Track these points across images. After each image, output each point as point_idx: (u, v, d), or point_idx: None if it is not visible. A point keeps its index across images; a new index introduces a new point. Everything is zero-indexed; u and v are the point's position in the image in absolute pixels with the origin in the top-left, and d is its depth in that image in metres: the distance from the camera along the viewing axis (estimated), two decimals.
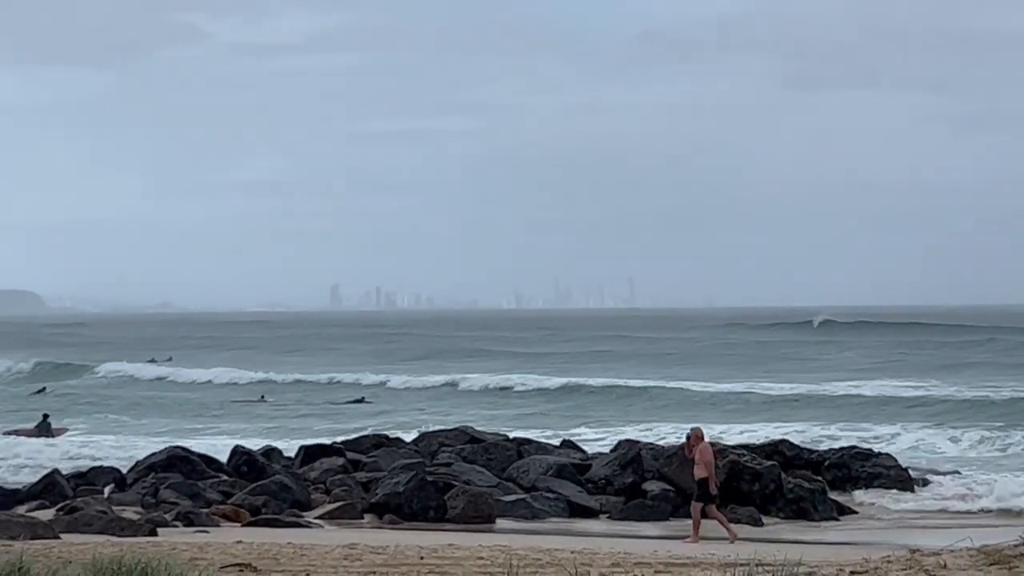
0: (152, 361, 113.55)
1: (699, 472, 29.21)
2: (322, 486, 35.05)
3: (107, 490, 35.05)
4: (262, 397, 73.80)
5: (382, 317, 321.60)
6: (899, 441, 47.05)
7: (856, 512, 34.01)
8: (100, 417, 62.93)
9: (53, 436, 52.19)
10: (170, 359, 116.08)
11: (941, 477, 37.56)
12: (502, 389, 74.92)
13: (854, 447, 39.16)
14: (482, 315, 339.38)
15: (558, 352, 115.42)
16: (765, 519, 32.61)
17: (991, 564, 10.56)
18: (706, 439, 30.19)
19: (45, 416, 54.45)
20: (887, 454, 38.50)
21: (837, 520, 33.15)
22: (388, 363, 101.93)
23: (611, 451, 38.31)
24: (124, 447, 49.31)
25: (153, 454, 38.40)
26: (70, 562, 13.80)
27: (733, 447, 36.76)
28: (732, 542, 27.79)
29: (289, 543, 24.24)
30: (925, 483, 36.58)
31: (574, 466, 36.17)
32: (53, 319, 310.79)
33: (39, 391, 76.00)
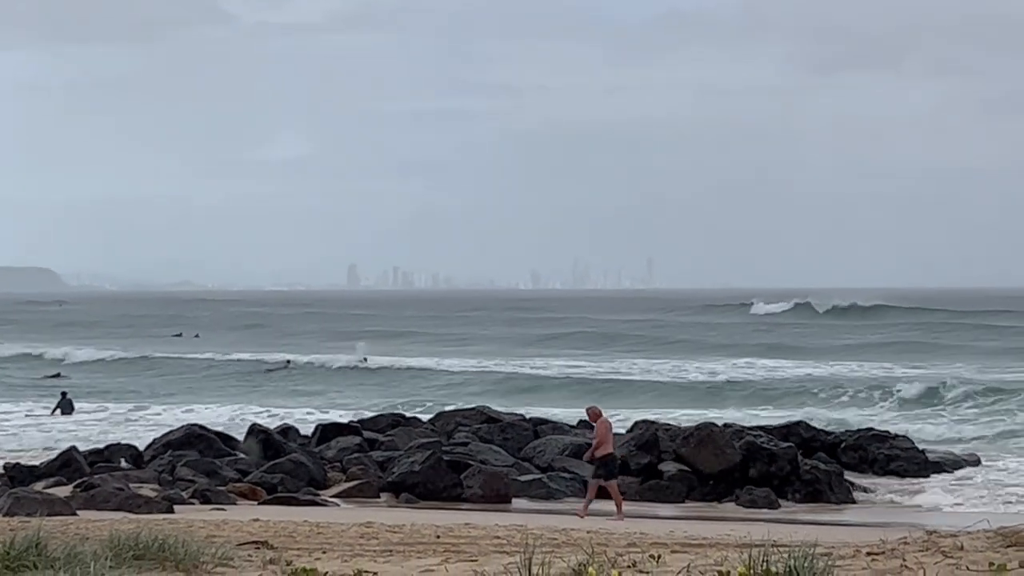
0: (178, 335, 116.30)
1: (601, 449, 29.27)
2: (338, 465, 35.10)
3: (124, 467, 35.14)
4: (287, 363, 75.70)
5: (393, 297, 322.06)
6: (907, 425, 46.91)
7: (872, 494, 33.97)
8: (116, 396, 63.09)
9: (72, 413, 52.50)
10: (197, 336, 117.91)
11: (958, 459, 37.50)
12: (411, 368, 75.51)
13: (871, 429, 39.09)
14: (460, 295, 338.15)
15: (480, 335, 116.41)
16: (781, 501, 32.59)
17: (1008, 546, 10.51)
18: (604, 416, 30.37)
19: (64, 394, 54.69)
20: (904, 436, 38.47)
21: (853, 502, 33.13)
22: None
23: (627, 432, 38.30)
24: (141, 424, 49.52)
25: (170, 431, 38.49)
26: (87, 539, 13.81)
27: (750, 428, 36.75)
28: (620, 519, 27.86)
29: (305, 521, 24.28)
30: (941, 465, 36.50)
31: (590, 446, 36.12)
32: (40, 296, 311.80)
33: (54, 375, 76.33)
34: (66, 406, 53.01)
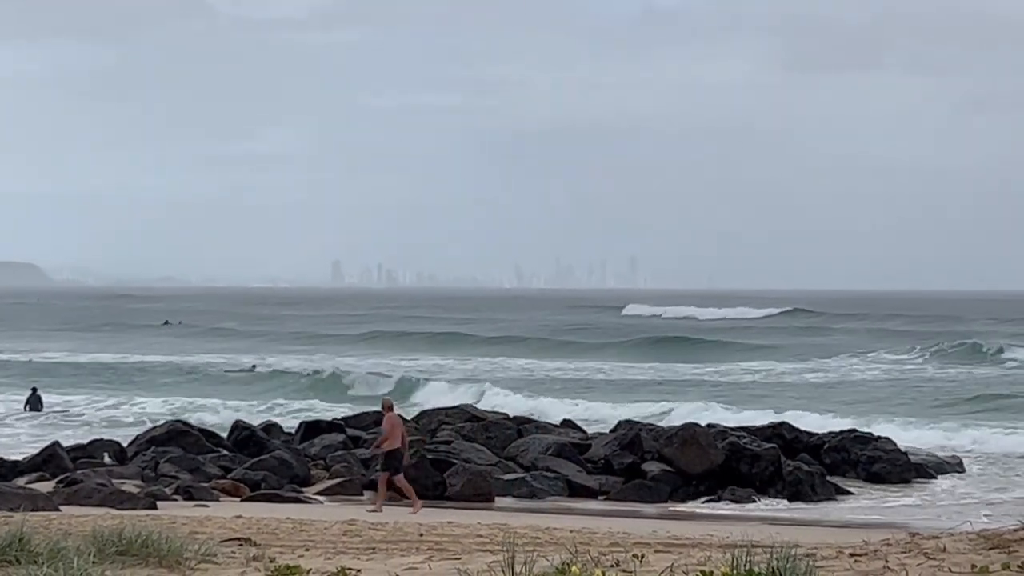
0: (166, 323, 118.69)
1: (388, 443, 29.38)
2: (322, 462, 35.06)
3: (107, 463, 35.08)
4: (253, 367, 75.52)
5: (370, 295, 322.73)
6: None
7: (854, 495, 34.02)
8: (94, 387, 62.87)
9: (42, 409, 52.18)
10: (180, 322, 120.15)
11: (940, 462, 37.55)
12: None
13: (853, 431, 39.11)
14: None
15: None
16: (764, 501, 32.64)
17: (990, 548, 10.56)
18: (396, 411, 30.47)
19: (34, 389, 54.21)
20: (886, 438, 38.46)
21: (836, 503, 33.18)
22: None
23: (611, 432, 38.33)
24: (124, 420, 49.41)
25: (153, 427, 38.43)
26: (70, 534, 13.81)
27: (732, 429, 36.78)
28: (414, 513, 28.00)
29: (288, 518, 24.27)
30: (924, 468, 36.56)
31: (574, 446, 36.17)
32: (24, 291, 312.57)
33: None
34: (35, 402, 52.63)
